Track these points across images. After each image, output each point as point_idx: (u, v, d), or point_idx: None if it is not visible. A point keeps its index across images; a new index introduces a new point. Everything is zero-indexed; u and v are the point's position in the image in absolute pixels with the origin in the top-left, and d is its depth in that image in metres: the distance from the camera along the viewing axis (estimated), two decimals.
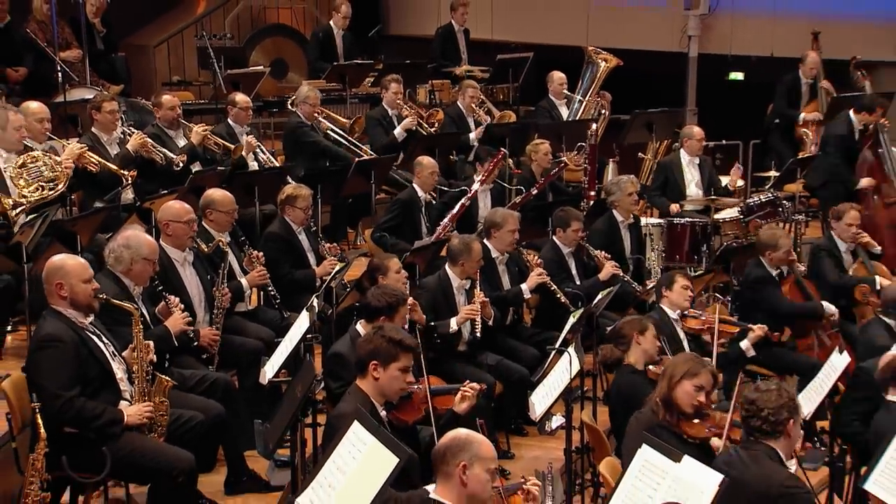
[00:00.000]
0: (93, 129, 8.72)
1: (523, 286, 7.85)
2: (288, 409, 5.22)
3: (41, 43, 10.81)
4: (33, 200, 7.41)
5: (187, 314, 6.37)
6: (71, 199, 8.14)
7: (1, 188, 7.42)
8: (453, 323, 7.17)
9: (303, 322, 5.97)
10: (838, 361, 6.34)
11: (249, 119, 10.08)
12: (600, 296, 7.28)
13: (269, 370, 6.05)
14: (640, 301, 8.35)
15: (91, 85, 10.80)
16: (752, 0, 13.61)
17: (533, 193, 9.53)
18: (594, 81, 12.01)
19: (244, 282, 7.35)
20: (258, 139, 9.99)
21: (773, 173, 10.62)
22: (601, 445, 5.90)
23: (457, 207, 9.12)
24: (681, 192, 10.08)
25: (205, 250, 7.12)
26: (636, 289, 8.48)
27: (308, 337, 6.00)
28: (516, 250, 8.01)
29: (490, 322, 7.38)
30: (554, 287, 7.88)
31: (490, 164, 9.45)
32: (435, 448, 4.42)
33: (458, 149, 11.14)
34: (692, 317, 7.24)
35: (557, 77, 11.99)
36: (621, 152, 11.67)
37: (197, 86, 13.17)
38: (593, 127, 10.48)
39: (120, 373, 5.58)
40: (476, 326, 7.21)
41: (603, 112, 12.02)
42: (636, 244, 9.05)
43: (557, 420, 7.26)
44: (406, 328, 6.14)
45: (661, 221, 9.65)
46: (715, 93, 13.57)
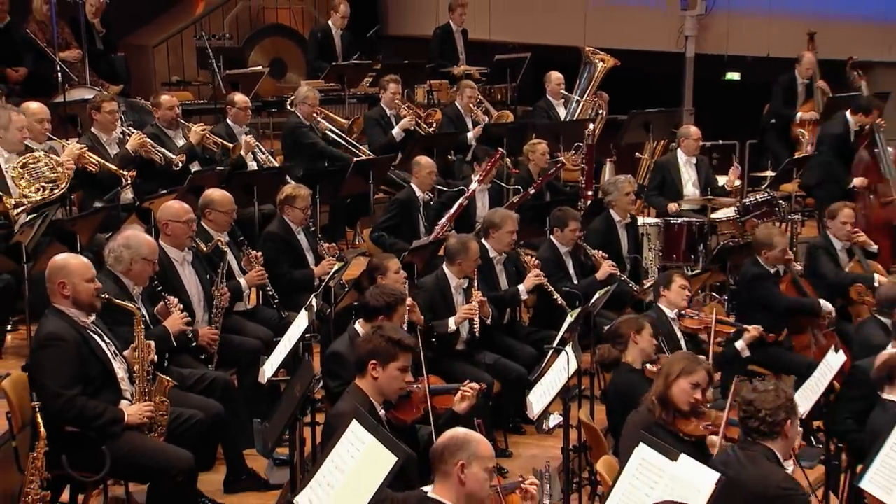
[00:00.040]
0: (92, 129, 8.71)
1: (520, 287, 7.86)
2: (287, 408, 5.21)
3: (41, 43, 10.79)
4: (35, 200, 7.39)
5: (186, 314, 6.37)
6: (70, 199, 8.11)
7: (2, 188, 7.41)
8: (452, 323, 7.18)
9: (301, 321, 5.97)
10: (834, 360, 6.36)
11: (248, 119, 10.08)
12: (597, 295, 7.29)
13: (268, 369, 6.04)
14: (638, 300, 8.38)
15: (91, 85, 10.78)
16: (749, 0, 13.61)
17: (530, 193, 9.52)
18: (591, 81, 11.98)
19: (243, 282, 7.35)
20: (257, 139, 9.98)
21: (770, 173, 10.63)
22: (598, 444, 5.92)
23: (455, 207, 9.10)
24: (678, 192, 10.07)
25: (204, 250, 7.11)
26: (633, 288, 8.48)
27: (307, 336, 5.98)
28: (514, 251, 8.02)
29: (488, 321, 7.39)
30: (551, 289, 7.87)
31: (488, 164, 9.43)
32: (433, 447, 4.42)
33: (457, 149, 11.14)
34: (689, 316, 7.25)
35: (555, 77, 11.98)
36: (619, 152, 11.67)
37: (196, 86, 13.11)
38: (590, 127, 10.47)
39: (121, 372, 5.58)
40: (475, 326, 7.21)
41: (600, 112, 12.00)
42: (633, 244, 9.04)
43: (555, 419, 7.24)
44: (405, 328, 6.14)
45: (658, 221, 9.64)
46: (711, 93, 13.57)
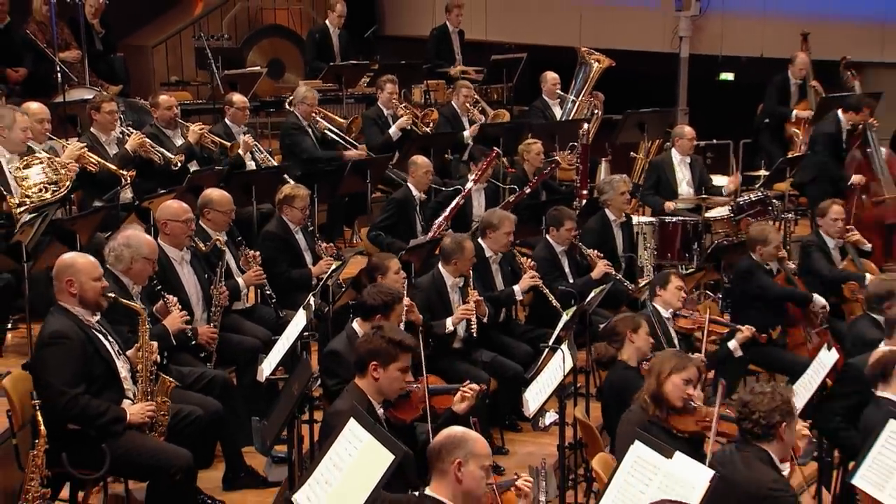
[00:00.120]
0: (91, 130, 8.72)
1: (516, 287, 7.86)
2: (285, 407, 5.23)
3: (41, 44, 10.81)
4: (36, 200, 7.40)
5: (185, 313, 6.39)
6: (70, 199, 8.12)
7: (3, 188, 7.42)
8: (449, 323, 7.20)
9: (300, 320, 5.99)
10: (827, 358, 6.37)
11: (246, 119, 10.08)
12: (593, 294, 7.32)
13: (267, 368, 6.05)
14: (633, 299, 8.40)
15: (90, 85, 10.79)
16: (743, 1, 13.65)
17: (526, 193, 9.51)
18: (587, 82, 12.02)
19: (241, 281, 7.35)
20: (255, 139, 9.98)
21: (763, 172, 10.65)
22: (594, 441, 5.95)
23: (451, 206, 9.12)
24: (672, 191, 10.11)
25: (202, 249, 7.11)
26: (628, 287, 8.50)
27: (305, 335, 6.01)
28: (510, 251, 8.02)
29: (485, 320, 7.41)
30: (546, 290, 7.89)
31: (483, 164, 9.45)
32: (430, 445, 4.44)
33: (453, 148, 11.15)
34: (684, 316, 7.26)
35: (551, 77, 11.99)
36: (614, 152, 11.68)
37: (195, 86, 13.11)
38: (585, 127, 10.47)
39: (124, 371, 5.59)
40: (472, 326, 7.23)
41: (596, 112, 12.02)
42: (628, 243, 9.05)
43: (551, 416, 7.23)
44: (402, 328, 6.16)
45: (653, 220, 9.66)
46: (706, 93, 13.60)
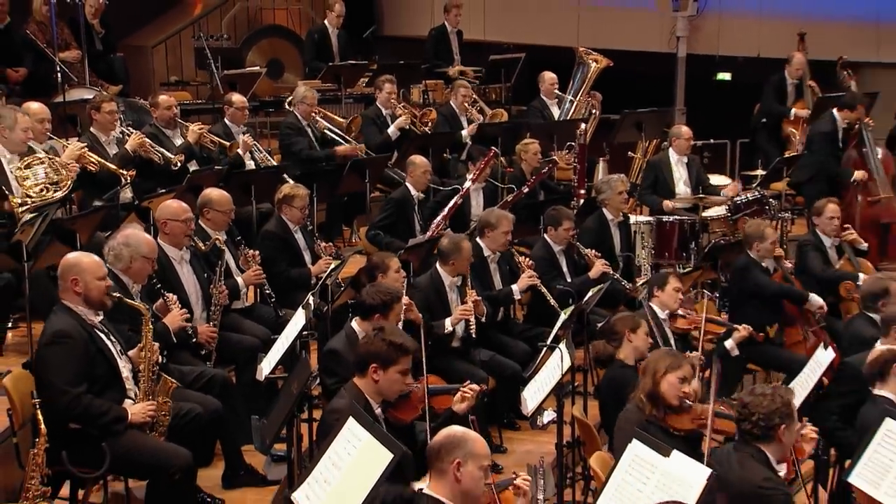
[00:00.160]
0: (91, 129, 8.73)
1: (514, 287, 7.88)
2: (284, 405, 5.24)
3: (41, 44, 10.81)
4: (38, 200, 7.40)
5: (185, 311, 6.41)
6: (70, 199, 8.11)
7: (6, 188, 7.42)
8: (448, 324, 7.22)
9: (299, 319, 6.00)
10: (823, 357, 6.40)
11: (246, 119, 10.09)
12: (591, 293, 7.34)
13: (266, 367, 6.06)
14: (630, 298, 8.42)
15: (90, 85, 10.80)
16: (739, 2, 13.64)
17: (524, 192, 9.55)
18: (585, 82, 12.02)
19: (240, 280, 7.36)
20: (254, 139, 10.01)
21: (760, 172, 10.68)
22: (592, 440, 5.98)
23: (449, 205, 9.15)
24: (670, 191, 10.13)
25: (202, 248, 7.12)
26: (626, 286, 8.52)
27: (304, 334, 6.02)
28: (508, 250, 8.04)
29: (483, 319, 7.43)
30: (544, 290, 7.91)
31: (481, 163, 9.48)
32: (430, 444, 4.47)
33: (452, 148, 11.17)
34: (681, 316, 7.27)
35: (549, 77, 12.01)
36: (611, 151, 11.68)
37: (194, 86, 13.12)
38: (582, 126, 10.48)
39: (126, 371, 5.61)
40: (471, 326, 7.25)
41: (593, 112, 12.01)
42: (625, 242, 9.08)
43: (549, 415, 7.23)
44: (401, 326, 6.19)
45: (651, 219, 9.67)
46: (703, 93, 13.60)
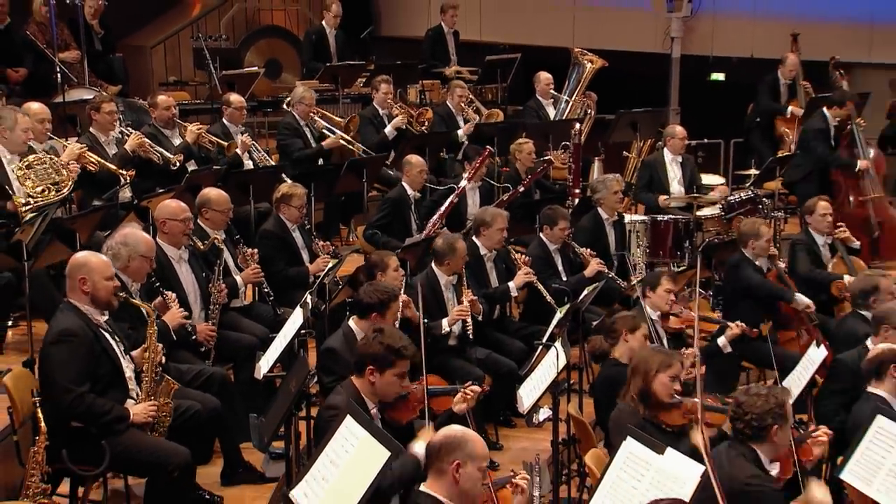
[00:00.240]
0: (91, 130, 8.75)
1: (511, 284, 7.92)
2: (282, 403, 5.25)
3: (40, 44, 10.84)
4: (40, 200, 7.41)
5: (183, 310, 6.46)
6: (70, 198, 8.11)
7: (8, 188, 7.45)
8: (445, 324, 7.24)
9: (297, 318, 6.01)
10: (815, 355, 6.46)
11: (244, 119, 10.10)
12: (586, 291, 7.37)
13: (264, 365, 6.08)
14: (625, 297, 8.44)
15: (89, 85, 10.82)
16: (733, 3, 13.69)
17: (519, 191, 9.58)
18: (580, 82, 12.05)
19: (239, 279, 7.38)
20: (253, 138, 10.02)
21: (754, 171, 10.70)
22: (587, 437, 5.99)
23: (445, 204, 9.17)
24: (665, 190, 10.18)
25: (200, 248, 7.13)
26: (621, 285, 8.54)
27: (302, 332, 6.06)
28: (504, 248, 8.09)
29: (480, 317, 7.47)
30: (540, 286, 7.95)
31: (477, 162, 9.51)
32: (429, 443, 4.48)
33: (448, 147, 11.20)
34: (674, 315, 7.29)
35: (544, 77, 12.06)
36: (606, 151, 11.72)
37: (193, 86, 13.14)
38: (577, 126, 10.49)
39: (129, 371, 5.65)
40: (467, 326, 7.28)
41: (589, 112, 12.06)
42: (620, 241, 9.12)
43: (545, 412, 7.11)
44: (397, 325, 6.24)
45: (645, 218, 9.68)
46: (697, 93, 13.66)
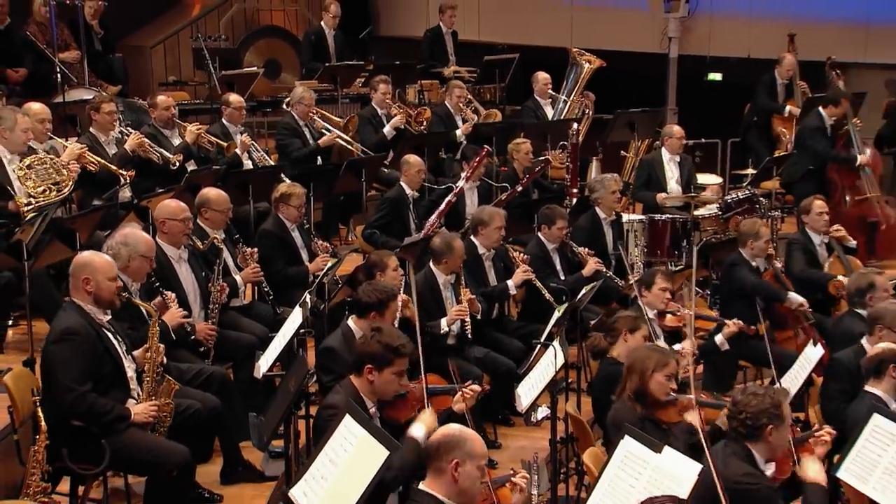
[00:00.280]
0: (91, 130, 8.77)
1: (509, 282, 7.93)
2: (282, 402, 5.25)
3: (41, 44, 10.86)
4: (42, 200, 7.44)
5: (183, 309, 6.48)
6: (70, 198, 8.12)
7: (9, 188, 7.47)
8: (444, 324, 7.26)
9: (296, 317, 6.03)
10: (812, 353, 6.47)
11: (243, 119, 10.12)
12: (584, 291, 7.38)
13: (264, 364, 6.11)
14: (623, 296, 8.48)
15: (89, 86, 10.84)
16: (730, 3, 13.70)
17: (517, 191, 9.59)
18: (578, 82, 12.07)
19: (238, 278, 7.39)
20: (252, 138, 10.03)
21: (751, 171, 10.75)
22: (585, 435, 6.02)
23: (443, 204, 9.18)
24: (662, 189, 10.22)
25: (200, 247, 7.14)
26: (618, 283, 8.52)
27: (301, 332, 6.06)
28: (502, 247, 8.10)
29: (478, 316, 7.49)
30: (539, 284, 7.97)
31: (475, 162, 9.53)
32: (428, 442, 4.51)
33: (446, 147, 11.21)
34: (670, 313, 7.31)
35: (542, 77, 12.07)
36: (604, 150, 11.79)
37: (192, 86, 13.15)
38: (574, 126, 10.51)
39: (130, 371, 5.67)
40: (466, 325, 7.30)
41: (587, 112, 12.09)
42: (617, 240, 9.13)
43: (543, 411, 7.30)
44: (397, 325, 6.26)
45: (643, 218, 9.72)
46: (694, 93, 13.65)
